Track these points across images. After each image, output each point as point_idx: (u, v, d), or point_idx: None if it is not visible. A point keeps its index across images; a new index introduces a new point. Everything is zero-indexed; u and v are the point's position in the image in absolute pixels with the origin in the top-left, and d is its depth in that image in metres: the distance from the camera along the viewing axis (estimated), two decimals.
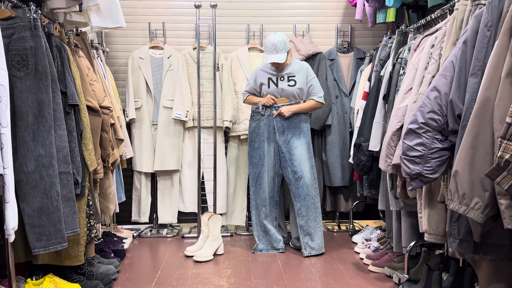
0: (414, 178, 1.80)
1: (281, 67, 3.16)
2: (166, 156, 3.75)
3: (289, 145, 3.16)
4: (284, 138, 3.17)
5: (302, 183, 3.15)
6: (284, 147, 3.16)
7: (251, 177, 3.26)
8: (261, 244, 3.26)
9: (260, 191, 3.24)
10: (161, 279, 2.71)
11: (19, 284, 2.16)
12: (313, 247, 3.16)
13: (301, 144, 3.17)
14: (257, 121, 3.21)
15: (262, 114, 3.19)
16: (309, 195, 3.16)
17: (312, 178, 3.18)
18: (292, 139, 3.16)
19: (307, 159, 3.17)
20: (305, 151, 3.17)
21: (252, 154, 3.24)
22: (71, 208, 2.08)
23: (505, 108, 1.36)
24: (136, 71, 3.78)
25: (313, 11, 4.07)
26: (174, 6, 4.01)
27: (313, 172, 3.19)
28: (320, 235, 3.19)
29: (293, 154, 3.15)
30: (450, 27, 2.00)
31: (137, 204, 3.89)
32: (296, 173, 3.15)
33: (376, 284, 2.60)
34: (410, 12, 3.20)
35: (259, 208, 3.26)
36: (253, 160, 3.23)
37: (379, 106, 2.70)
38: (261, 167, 3.21)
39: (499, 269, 1.63)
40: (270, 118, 3.18)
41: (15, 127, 1.91)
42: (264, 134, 3.19)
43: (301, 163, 3.15)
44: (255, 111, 3.23)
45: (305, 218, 3.16)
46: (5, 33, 1.91)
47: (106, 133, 2.56)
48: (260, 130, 3.20)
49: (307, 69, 3.21)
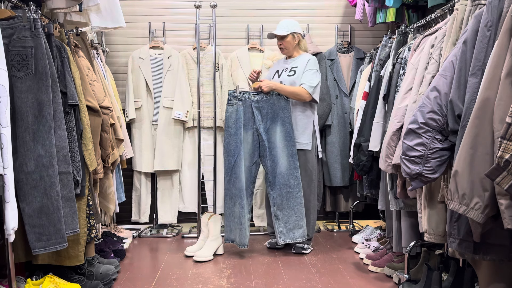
0: (414, 178, 1.80)
1: (285, 51, 3.20)
2: (166, 156, 3.75)
3: (269, 133, 3.08)
4: (264, 125, 3.09)
5: (278, 172, 3.08)
6: (264, 135, 3.08)
7: (226, 165, 3.08)
8: (232, 235, 3.15)
9: (236, 181, 3.06)
10: (161, 279, 2.71)
11: (19, 284, 2.16)
12: (289, 235, 3.10)
13: (279, 132, 3.08)
14: (234, 106, 3.08)
15: (240, 98, 3.08)
16: (286, 184, 3.08)
17: (292, 167, 3.08)
18: (271, 126, 3.09)
19: (285, 147, 3.08)
20: (283, 139, 3.08)
21: (228, 141, 3.07)
22: (71, 208, 2.08)
23: (505, 108, 1.36)
24: (136, 71, 3.78)
25: (313, 11, 4.07)
26: (174, 6, 4.01)
27: (293, 161, 3.08)
28: (303, 224, 3.12)
29: (272, 141, 3.08)
30: (450, 27, 2.00)
31: (137, 204, 3.89)
32: (274, 162, 3.08)
33: (376, 284, 2.60)
34: (410, 12, 3.20)
35: (234, 198, 3.08)
36: (229, 148, 3.07)
37: (379, 106, 2.70)
38: (237, 155, 3.05)
39: (499, 269, 1.63)
40: (248, 103, 3.08)
41: (15, 127, 1.91)
42: (241, 120, 3.07)
43: (278, 151, 3.08)
44: (232, 95, 3.09)
45: (280, 207, 3.10)
46: (5, 33, 1.91)
47: (106, 133, 2.56)
48: (237, 115, 3.06)
49: (309, 60, 3.14)
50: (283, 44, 3.17)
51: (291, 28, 3.14)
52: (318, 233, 3.83)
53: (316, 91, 3.11)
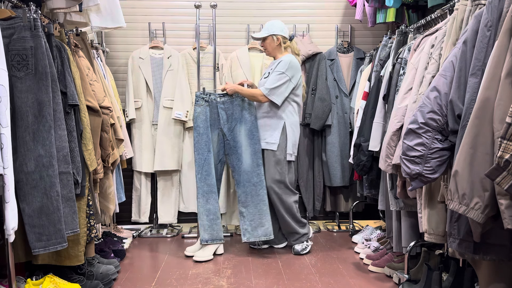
0: (414, 178, 1.80)
1: (267, 53, 3.25)
2: (166, 156, 3.75)
3: (233, 133, 3.20)
4: (228, 125, 3.20)
5: (243, 170, 3.19)
6: (229, 135, 3.20)
7: (197, 163, 3.15)
8: (207, 235, 3.15)
9: (208, 178, 3.14)
10: (161, 279, 2.71)
11: (19, 284, 2.16)
12: (254, 233, 3.16)
13: (244, 131, 3.19)
14: (202, 107, 3.18)
15: (206, 100, 3.18)
16: (250, 181, 3.17)
17: (254, 165, 3.17)
18: (236, 126, 3.20)
19: (249, 146, 3.18)
20: (247, 138, 3.19)
21: (198, 139, 3.16)
22: (71, 208, 2.08)
23: (505, 108, 1.36)
24: (136, 71, 3.78)
25: (313, 11, 4.07)
26: (174, 6, 4.01)
27: (256, 159, 3.18)
28: (266, 222, 3.16)
29: (236, 140, 3.20)
30: (450, 27, 2.00)
31: (137, 204, 3.89)
32: (239, 160, 3.20)
33: (376, 284, 2.60)
34: (410, 12, 3.20)
35: (207, 195, 3.14)
36: (199, 146, 3.15)
37: (379, 106, 2.70)
38: (207, 152, 3.15)
39: (499, 269, 1.63)
40: (214, 104, 3.19)
41: (15, 127, 1.91)
42: (208, 120, 3.17)
43: (243, 149, 3.19)
44: (199, 96, 3.20)
45: (245, 205, 3.17)
46: (5, 33, 1.91)
47: (106, 133, 2.56)
48: (205, 116, 3.17)
49: (280, 62, 3.13)
50: (264, 45, 3.23)
51: (271, 30, 3.15)
52: (318, 233, 3.83)
53: (275, 93, 3.08)
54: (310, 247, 3.25)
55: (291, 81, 3.11)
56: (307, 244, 3.23)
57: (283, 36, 3.18)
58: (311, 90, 3.77)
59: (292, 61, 3.12)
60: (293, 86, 3.13)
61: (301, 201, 3.99)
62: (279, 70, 3.09)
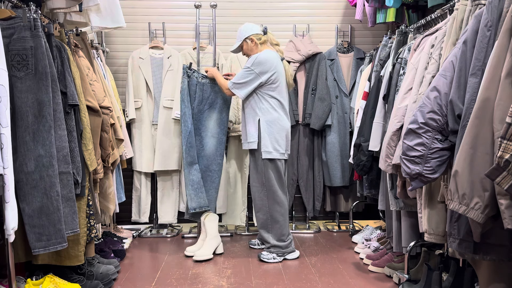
0: (414, 178, 1.80)
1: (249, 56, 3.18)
2: (166, 156, 3.75)
3: (202, 115, 3.30)
4: (201, 107, 3.29)
5: (203, 155, 3.31)
6: (198, 115, 3.29)
7: (183, 135, 3.26)
8: (194, 203, 3.25)
9: (191, 149, 3.26)
10: (161, 279, 2.71)
11: (19, 284, 2.16)
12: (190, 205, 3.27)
13: (214, 119, 3.31)
14: (185, 80, 3.27)
15: (189, 75, 3.27)
16: (208, 168, 3.32)
17: (217, 154, 3.33)
18: (207, 110, 3.31)
19: (215, 134, 3.32)
20: (216, 127, 3.32)
21: (185, 111, 3.25)
22: (71, 208, 2.08)
23: (505, 108, 1.36)
24: (136, 71, 3.78)
25: (313, 11, 4.07)
26: (174, 6, 4.01)
27: (220, 149, 3.34)
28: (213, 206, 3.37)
29: (203, 124, 3.30)
30: (450, 27, 2.00)
31: (137, 204, 3.89)
32: (200, 143, 3.31)
33: (376, 284, 2.60)
34: (410, 12, 3.20)
35: (189, 166, 3.26)
36: (185, 118, 3.25)
37: (379, 106, 2.70)
38: (191, 125, 3.26)
39: (499, 269, 1.63)
40: (193, 82, 3.27)
41: (15, 127, 1.91)
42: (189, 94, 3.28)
43: (208, 134, 3.31)
44: (184, 69, 3.28)
45: None
46: (5, 33, 1.91)
47: (106, 133, 2.56)
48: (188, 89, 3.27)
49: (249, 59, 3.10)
50: (244, 53, 3.20)
51: (242, 36, 3.12)
52: (318, 233, 3.83)
53: (239, 87, 3.05)
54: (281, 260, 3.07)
55: (259, 76, 3.01)
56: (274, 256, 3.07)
57: (255, 34, 3.12)
58: (311, 90, 3.77)
59: (261, 57, 3.03)
60: (262, 81, 3.02)
61: (301, 201, 4.00)
62: (246, 66, 3.07)
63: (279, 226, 3.10)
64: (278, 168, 3.09)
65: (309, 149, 3.87)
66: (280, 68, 3.10)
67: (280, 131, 3.08)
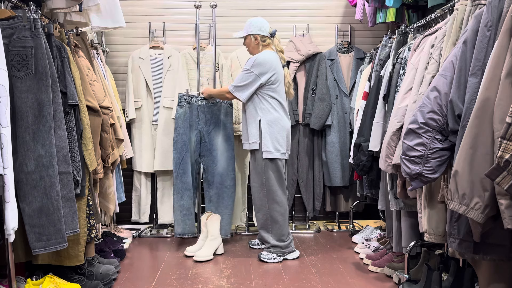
0: (414, 178, 1.80)
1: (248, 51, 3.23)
2: (166, 156, 3.74)
3: (210, 136, 3.42)
4: (207, 128, 3.41)
5: (217, 172, 3.42)
6: (207, 137, 3.41)
7: (175, 162, 3.35)
8: (180, 228, 3.38)
9: (184, 176, 3.35)
10: (161, 279, 2.71)
11: (19, 284, 2.16)
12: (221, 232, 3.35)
13: (221, 136, 3.42)
14: (183, 108, 3.37)
15: (188, 101, 3.37)
16: (223, 184, 3.42)
17: (230, 170, 3.43)
18: (213, 130, 3.42)
19: (225, 151, 3.42)
20: (224, 143, 3.42)
21: (177, 139, 3.35)
22: (71, 208, 2.08)
23: (505, 108, 1.36)
24: (136, 71, 3.78)
25: (313, 11, 4.07)
26: (174, 6, 4.01)
27: (231, 164, 3.44)
28: (228, 223, 3.47)
29: (213, 144, 3.42)
30: (450, 27, 2.00)
31: (137, 204, 3.89)
32: (213, 162, 3.42)
33: (376, 284, 2.60)
34: (410, 12, 3.20)
35: (181, 192, 3.36)
36: (178, 145, 3.35)
37: (379, 106, 2.70)
38: (185, 152, 3.35)
39: (499, 269, 1.63)
40: (195, 106, 3.38)
41: (15, 127, 1.91)
42: (188, 121, 3.37)
43: (218, 153, 3.41)
44: (182, 98, 3.37)
45: (216, 205, 3.42)
46: (5, 33, 1.91)
47: (106, 133, 2.56)
48: (186, 117, 3.36)
49: (248, 60, 3.10)
50: (245, 44, 3.22)
51: (249, 29, 3.13)
52: (318, 233, 3.83)
53: (240, 90, 3.05)
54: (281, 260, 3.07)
55: (259, 78, 3.01)
56: (274, 256, 3.07)
57: (262, 35, 3.11)
58: (311, 90, 3.77)
59: (260, 58, 3.03)
60: (262, 82, 3.02)
61: (301, 201, 4.00)
62: (245, 68, 3.07)
63: (279, 226, 3.10)
64: (278, 168, 3.09)
65: (309, 149, 3.87)
66: (279, 69, 3.11)
67: (281, 131, 3.09)
